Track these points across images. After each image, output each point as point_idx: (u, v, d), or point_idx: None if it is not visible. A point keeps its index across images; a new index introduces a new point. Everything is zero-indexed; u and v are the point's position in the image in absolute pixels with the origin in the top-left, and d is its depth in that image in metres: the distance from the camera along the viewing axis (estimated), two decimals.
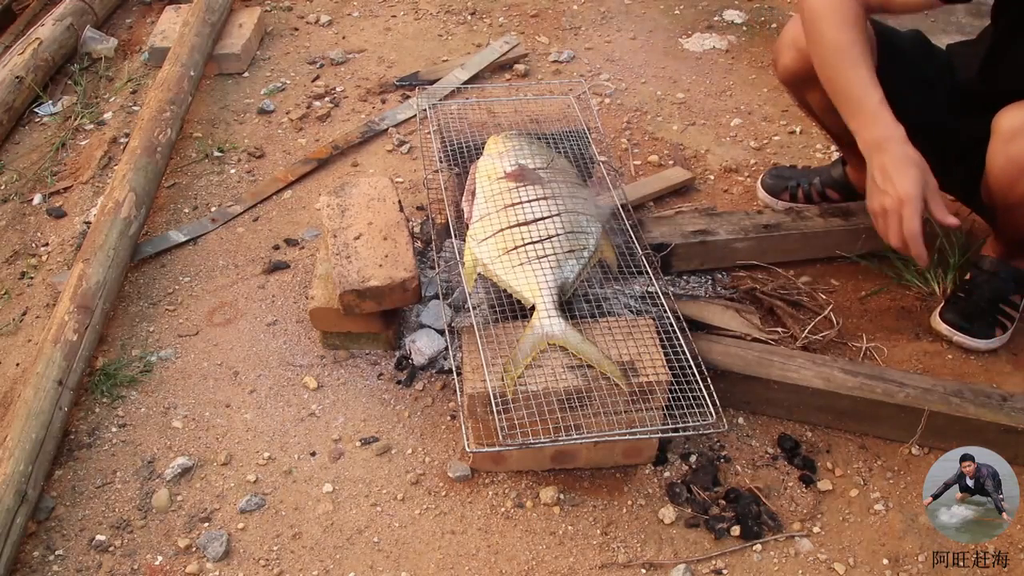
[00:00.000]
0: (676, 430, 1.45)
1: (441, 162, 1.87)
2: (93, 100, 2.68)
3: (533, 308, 1.51)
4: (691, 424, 1.36)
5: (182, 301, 1.95)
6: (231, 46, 2.77)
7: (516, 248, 1.57)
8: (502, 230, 1.60)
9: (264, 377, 1.77)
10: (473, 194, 1.72)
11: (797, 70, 1.77)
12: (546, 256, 1.56)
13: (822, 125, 1.95)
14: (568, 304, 1.59)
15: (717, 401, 1.39)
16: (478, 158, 1.81)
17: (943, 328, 1.78)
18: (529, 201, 1.64)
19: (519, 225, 1.61)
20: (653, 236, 1.87)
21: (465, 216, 1.71)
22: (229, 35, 2.82)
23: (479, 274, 1.59)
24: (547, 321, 1.48)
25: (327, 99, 2.63)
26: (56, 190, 2.32)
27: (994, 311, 1.76)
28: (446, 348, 1.74)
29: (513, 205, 1.64)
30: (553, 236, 1.59)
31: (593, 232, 1.63)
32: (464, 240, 1.66)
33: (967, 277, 1.80)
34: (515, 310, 1.55)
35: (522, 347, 1.46)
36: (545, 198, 1.65)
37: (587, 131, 1.93)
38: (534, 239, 1.59)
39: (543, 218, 1.62)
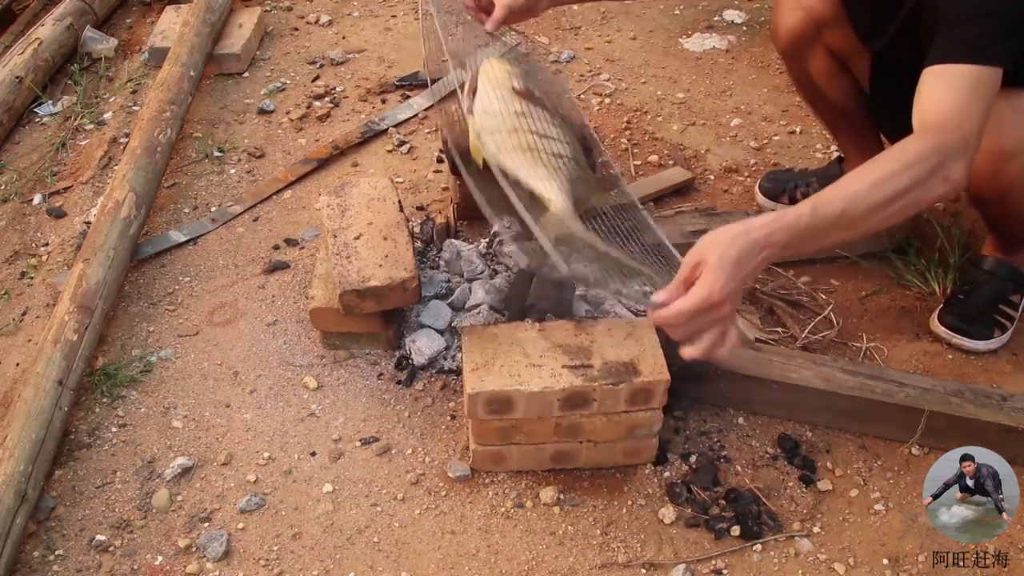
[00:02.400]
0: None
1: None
2: (93, 100, 2.68)
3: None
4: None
5: (182, 301, 1.95)
6: (231, 46, 2.77)
7: (525, 142, 1.45)
8: (510, 128, 1.47)
9: (264, 377, 1.77)
10: (475, 92, 1.59)
11: (802, 32, 1.73)
12: (559, 156, 1.44)
13: (822, 99, 1.90)
14: (569, 304, 1.58)
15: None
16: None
17: (941, 331, 1.78)
18: (538, 119, 1.52)
19: (529, 132, 1.48)
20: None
21: (465, 107, 1.58)
22: (229, 35, 2.82)
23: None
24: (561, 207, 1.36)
25: (327, 99, 2.63)
26: (56, 190, 2.32)
27: (993, 312, 1.76)
28: (446, 348, 1.74)
29: (522, 115, 1.51)
30: (562, 156, 1.46)
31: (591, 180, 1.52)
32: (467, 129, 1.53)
33: (967, 278, 1.80)
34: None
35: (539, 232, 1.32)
36: (554, 125, 1.53)
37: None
38: (544, 143, 1.45)
39: (553, 138, 1.49)
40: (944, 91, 1.30)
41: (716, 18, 3.00)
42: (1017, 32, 1.31)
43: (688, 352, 1.18)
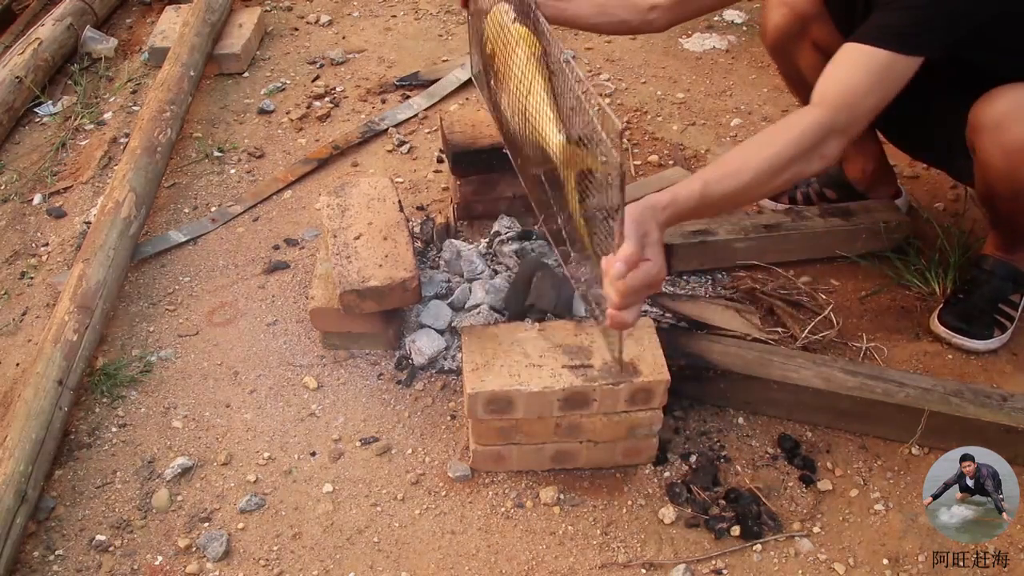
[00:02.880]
0: None
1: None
2: (93, 100, 2.69)
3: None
4: None
5: (182, 301, 1.95)
6: (231, 46, 2.77)
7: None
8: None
9: (264, 377, 1.77)
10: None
11: (788, 28, 1.77)
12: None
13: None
14: (569, 304, 1.57)
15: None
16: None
17: (941, 331, 1.77)
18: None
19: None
20: None
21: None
22: (229, 35, 2.82)
23: None
24: None
25: (327, 99, 2.63)
26: (56, 190, 2.32)
27: (993, 311, 1.75)
28: (446, 348, 1.74)
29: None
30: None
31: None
32: None
33: (967, 277, 1.80)
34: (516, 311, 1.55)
35: None
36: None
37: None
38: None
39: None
40: (851, 68, 1.34)
41: (716, 18, 2.99)
42: (936, 28, 1.35)
43: (619, 318, 1.22)
